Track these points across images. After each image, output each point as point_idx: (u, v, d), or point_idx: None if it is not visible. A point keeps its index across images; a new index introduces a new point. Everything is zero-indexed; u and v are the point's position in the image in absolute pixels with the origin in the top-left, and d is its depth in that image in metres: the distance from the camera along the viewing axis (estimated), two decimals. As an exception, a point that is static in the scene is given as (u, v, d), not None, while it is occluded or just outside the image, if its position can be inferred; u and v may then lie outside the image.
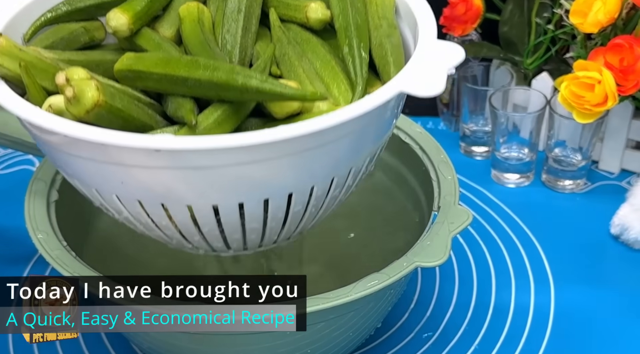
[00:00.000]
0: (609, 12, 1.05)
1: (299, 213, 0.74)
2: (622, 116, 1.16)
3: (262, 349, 0.79)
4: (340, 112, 0.64)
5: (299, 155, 0.66)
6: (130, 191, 0.68)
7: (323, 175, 0.71)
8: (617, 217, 1.09)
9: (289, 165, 0.66)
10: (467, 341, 0.96)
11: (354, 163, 0.73)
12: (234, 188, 0.67)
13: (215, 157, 0.63)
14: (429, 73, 0.69)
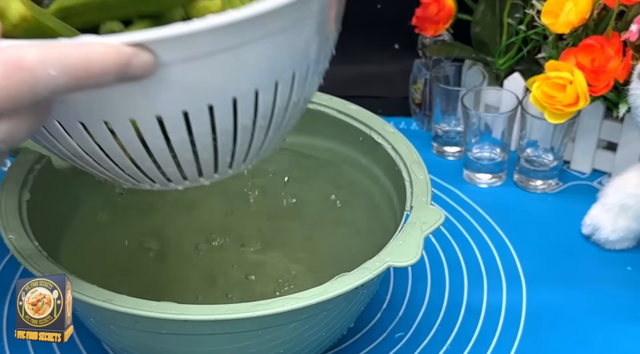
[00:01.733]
0: (580, 12, 1.06)
1: (247, 126, 0.68)
2: (594, 116, 1.17)
3: (234, 350, 0.79)
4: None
5: (238, 49, 0.61)
6: (71, 111, 0.63)
7: (265, 77, 0.65)
8: (589, 217, 1.10)
9: (227, 62, 0.61)
10: (439, 341, 0.96)
11: (297, 67, 0.67)
12: (175, 94, 0.62)
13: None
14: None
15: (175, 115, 0.62)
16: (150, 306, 0.72)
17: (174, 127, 0.64)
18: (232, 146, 0.69)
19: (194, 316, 0.72)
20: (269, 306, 0.72)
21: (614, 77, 1.05)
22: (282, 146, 0.90)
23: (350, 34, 0.85)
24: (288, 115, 0.71)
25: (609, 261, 1.08)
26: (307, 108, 0.75)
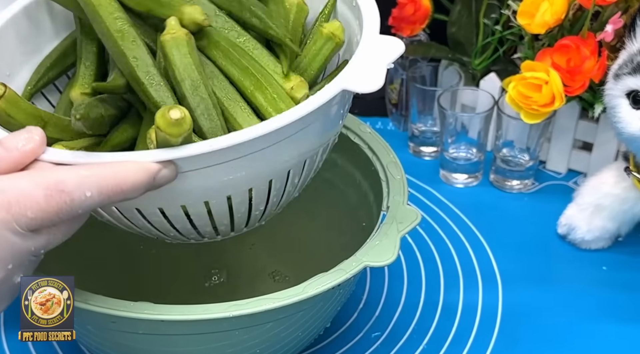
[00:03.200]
0: (556, 13, 1.06)
1: (260, 204, 0.77)
2: (569, 116, 1.17)
3: (211, 350, 0.79)
4: (292, 111, 0.68)
5: (256, 154, 0.69)
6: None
7: (279, 170, 0.74)
8: (564, 217, 1.11)
9: (246, 164, 0.69)
10: (415, 341, 0.97)
11: (307, 155, 0.76)
12: (195, 190, 0.71)
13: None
14: (369, 69, 0.71)
15: (197, 203, 0.73)
16: (127, 307, 0.72)
17: (197, 212, 0.74)
18: (247, 217, 0.78)
19: (170, 317, 0.72)
20: (245, 306, 0.73)
21: (589, 77, 1.06)
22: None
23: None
24: (299, 187, 0.81)
25: (584, 261, 1.09)
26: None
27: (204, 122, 0.72)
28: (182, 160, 0.66)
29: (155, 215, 0.74)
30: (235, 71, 0.77)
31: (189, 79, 0.72)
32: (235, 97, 0.76)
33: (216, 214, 0.75)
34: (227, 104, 0.75)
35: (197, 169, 0.68)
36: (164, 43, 0.73)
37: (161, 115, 0.65)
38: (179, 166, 0.67)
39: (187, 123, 0.65)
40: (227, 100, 0.75)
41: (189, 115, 0.66)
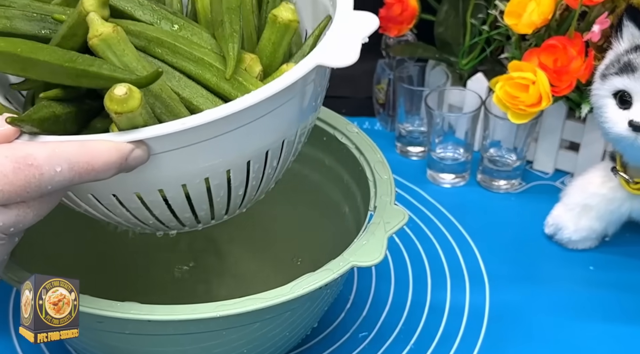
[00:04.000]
0: (543, 13, 1.07)
1: (239, 187, 0.77)
2: (556, 116, 1.18)
3: (197, 349, 0.79)
4: (266, 87, 0.68)
5: (231, 133, 0.69)
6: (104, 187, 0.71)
7: (257, 150, 0.74)
8: (551, 217, 1.11)
9: (222, 144, 0.70)
10: (402, 341, 0.97)
11: (285, 136, 0.76)
12: (170, 173, 0.71)
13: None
14: (343, 44, 0.72)
15: (175, 187, 0.72)
16: (114, 307, 0.72)
17: (174, 196, 0.73)
18: (227, 202, 0.78)
19: (158, 317, 0.72)
20: (232, 306, 0.73)
21: (576, 77, 1.06)
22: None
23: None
24: (278, 170, 0.80)
25: (571, 261, 1.09)
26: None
27: (167, 118, 0.71)
28: (153, 140, 0.66)
29: (133, 201, 0.73)
30: (191, 66, 0.75)
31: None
32: (202, 92, 0.75)
33: (195, 198, 0.74)
34: (197, 102, 0.74)
35: (171, 150, 0.68)
36: (95, 48, 0.70)
37: (107, 95, 0.65)
38: (152, 147, 0.66)
39: (135, 99, 0.65)
40: (196, 98, 0.74)
41: (137, 92, 0.65)
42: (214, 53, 0.76)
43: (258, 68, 0.77)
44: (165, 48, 0.75)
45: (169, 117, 0.71)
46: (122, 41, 0.71)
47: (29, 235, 0.93)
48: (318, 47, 0.72)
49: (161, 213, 0.76)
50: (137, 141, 0.65)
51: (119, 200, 0.73)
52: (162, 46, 0.75)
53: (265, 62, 0.78)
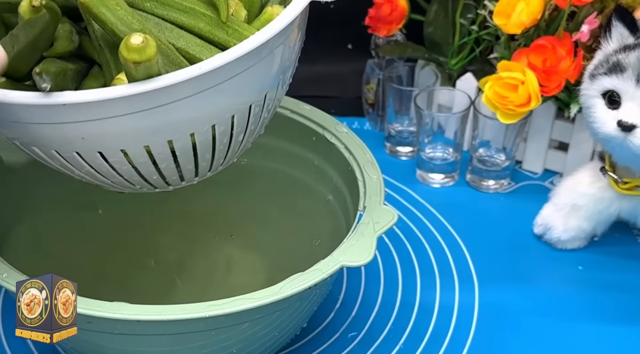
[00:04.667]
0: (532, 13, 1.07)
1: (240, 133, 0.77)
2: (545, 116, 1.18)
3: (187, 350, 0.79)
4: (269, 28, 0.70)
5: (245, 73, 0.71)
6: (88, 145, 0.71)
7: (260, 91, 0.75)
8: (540, 217, 1.11)
9: (230, 86, 0.71)
10: (392, 341, 0.97)
11: (269, 87, 0.77)
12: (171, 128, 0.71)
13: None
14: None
15: (184, 135, 0.73)
16: (102, 306, 0.72)
17: (161, 154, 0.73)
18: (211, 158, 0.77)
19: (147, 317, 0.72)
20: (222, 306, 0.73)
21: (565, 77, 1.06)
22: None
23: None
24: (245, 139, 0.80)
25: (560, 261, 1.09)
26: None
27: (170, 69, 0.70)
28: (172, 87, 0.67)
29: (142, 157, 0.73)
30: (182, 16, 0.74)
31: (133, 31, 0.69)
32: (197, 41, 0.74)
33: (200, 147, 0.75)
34: (193, 51, 0.73)
35: (186, 97, 0.69)
36: (89, 5, 0.68)
37: (124, 45, 0.64)
38: (169, 96, 0.68)
39: (152, 47, 0.65)
40: (192, 46, 0.74)
41: (152, 41, 0.65)
42: (203, 2, 0.75)
43: (244, 12, 0.77)
44: (154, 1, 0.74)
45: (171, 68, 0.70)
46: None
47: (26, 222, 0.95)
48: None
49: (167, 166, 0.76)
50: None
51: (128, 157, 0.73)
52: (150, 0, 0.74)
53: (246, 6, 0.78)
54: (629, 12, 0.95)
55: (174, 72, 0.67)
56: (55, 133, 0.70)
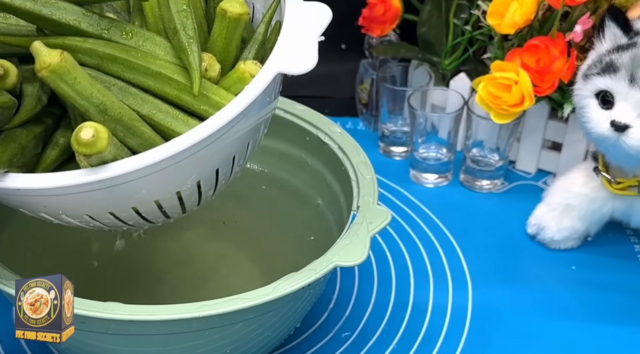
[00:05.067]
0: (526, 13, 1.07)
1: (209, 190, 0.79)
2: (539, 116, 1.18)
3: (180, 350, 0.80)
4: (231, 106, 0.71)
5: (202, 151, 0.71)
6: (51, 211, 0.74)
7: (225, 158, 0.76)
8: (534, 217, 1.11)
9: (191, 163, 0.72)
10: (385, 341, 0.97)
11: (250, 137, 0.78)
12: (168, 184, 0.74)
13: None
14: (301, 48, 0.73)
15: (148, 204, 0.75)
16: (96, 307, 0.72)
17: (147, 210, 0.76)
18: (197, 201, 0.80)
19: (140, 317, 0.72)
20: (215, 306, 0.73)
21: (558, 77, 1.06)
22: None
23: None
24: (244, 163, 0.82)
25: (553, 261, 1.09)
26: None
27: (131, 140, 0.72)
28: (119, 177, 0.68)
29: (107, 218, 0.75)
30: (149, 80, 0.74)
31: (92, 106, 0.70)
32: (162, 107, 0.74)
33: (166, 207, 0.77)
34: (158, 118, 0.74)
35: (144, 176, 0.70)
36: (46, 80, 0.69)
37: (74, 139, 0.66)
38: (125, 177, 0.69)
39: (103, 139, 0.66)
40: (156, 113, 0.74)
41: (104, 131, 0.66)
42: (172, 63, 0.75)
43: (217, 66, 0.77)
44: (120, 64, 0.74)
45: (132, 139, 0.72)
46: (72, 68, 0.69)
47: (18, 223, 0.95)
48: (275, 54, 0.73)
49: (135, 222, 0.77)
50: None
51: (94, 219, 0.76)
52: (116, 63, 0.74)
53: (219, 58, 0.78)
54: (622, 13, 0.95)
55: (128, 159, 0.69)
56: (18, 200, 0.74)
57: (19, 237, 0.94)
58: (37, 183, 0.69)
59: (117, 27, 0.75)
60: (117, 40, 0.75)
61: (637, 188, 1.00)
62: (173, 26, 0.75)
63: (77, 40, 0.73)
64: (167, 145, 0.69)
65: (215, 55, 0.77)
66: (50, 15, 0.73)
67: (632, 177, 1.00)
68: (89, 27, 0.74)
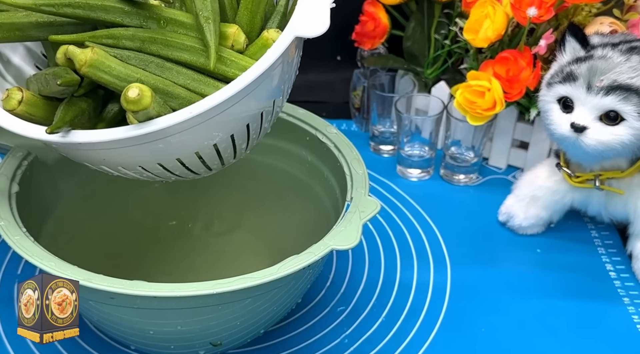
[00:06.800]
0: (497, 29, 1.07)
1: (242, 143, 0.79)
2: (508, 119, 1.18)
3: (197, 322, 0.79)
4: (257, 65, 0.72)
5: (233, 107, 0.72)
6: (110, 163, 0.76)
7: (255, 114, 0.77)
8: (504, 206, 1.11)
9: (223, 118, 0.73)
10: (375, 314, 0.97)
11: (275, 95, 0.78)
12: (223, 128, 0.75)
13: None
14: (315, 15, 0.73)
15: (190, 155, 0.76)
16: (124, 285, 0.72)
17: (172, 167, 0.77)
18: (233, 154, 0.80)
19: (162, 293, 0.72)
20: (227, 284, 0.73)
21: (526, 85, 1.06)
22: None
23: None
24: (270, 124, 0.83)
25: (521, 245, 1.09)
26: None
27: (171, 103, 0.73)
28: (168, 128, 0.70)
29: (157, 169, 0.76)
30: (185, 54, 0.75)
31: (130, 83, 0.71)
32: (195, 76, 0.75)
33: (206, 158, 0.77)
34: (192, 86, 0.74)
35: (184, 130, 0.71)
36: (88, 75, 0.72)
37: (123, 97, 0.67)
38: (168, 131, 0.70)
39: (147, 97, 0.67)
40: (190, 83, 0.75)
41: (147, 90, 0.67)
42: (200, 39, 0.76)
43: (243, 37, 0.77)
44: (159, 44, 0.75)
45: (172, 101, 0.73)
46: (104, 58, 0.72)
47: (58, 214, 0.95)
48: (293, 19, 0.73)
49: (181, 172, 0.78)
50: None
51: (145, 169, 0.76)
52: (155, 43, 0.75)
53: (246, 29, 0.78)
54: (580, 29, 0.95)
55: (169, 115, 0.70)
56: (82, 154, 0.76)
57: (60, 225, 0.95)
58: (94, 137, 0.71)
59: (153, 18, 0.76)
60: (154, 28, 0.76)
61: (594, 181, 1.00)
62: (194, 11, 0.75)
63: (120, 30, 0.75)
64: (202, 101, 0.70)
65: (242, 27, 0.78)
66: (97, 17, 0.75)
67: (589, 172, 1.01)
68: (130, 21, 0.76)
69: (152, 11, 0.76)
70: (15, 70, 0.83)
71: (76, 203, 0.98)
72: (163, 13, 0.76)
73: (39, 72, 0.76)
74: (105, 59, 0.72)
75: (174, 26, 0.76)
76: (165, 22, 0.76)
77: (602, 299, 1.00)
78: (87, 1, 0.74)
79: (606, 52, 0.91)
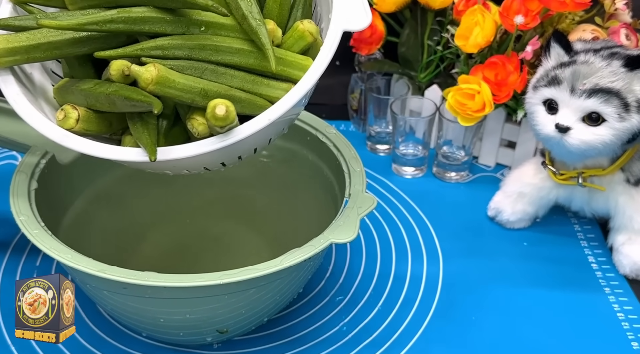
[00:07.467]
0: (486, 36, 1.07)
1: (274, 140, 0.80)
2: (497, 120, 1.18)
3: (205, 310, 0.80)
4: (321, 58, 0.73)
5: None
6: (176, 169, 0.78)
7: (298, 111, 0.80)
8: (493, 202, 1.12)
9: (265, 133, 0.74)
10: (372, 303, 0.97)
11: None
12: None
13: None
14: (357, 9, 0.74)
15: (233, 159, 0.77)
16: (136, 275, 0.73)
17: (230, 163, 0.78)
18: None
19: (171, 284, 0.72)
20: (233, 275, 0.73)
21: (513, 88, 1.07)
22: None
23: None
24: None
25: (509, 238, 1.09)
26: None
27: (235, 107, 0.70)
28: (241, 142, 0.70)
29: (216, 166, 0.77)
30: (235, 57, 0.73)
31: (195, 95, 0.70)
32: (248, 78, 0.74)
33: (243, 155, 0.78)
34: (247, 88, 0.73)
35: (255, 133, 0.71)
36: (156, 92, 0.69)
37: (210, 114, 0.67)
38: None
39: (232, 113, 0.67)
40: (245, 84, 0.73)
41: (231, 106, 0.67)
42: (247, 40, 0.74)
43: (280, 32, 0.76)
44: (208, 50, 0.72)
45: (236, 106, 0.70)
46: (168, 74, 0.70)
47: (75, 210, 0.95)
48: (336, 14, 0.73)
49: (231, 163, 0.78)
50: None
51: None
52: (204, 49, 0.72)
53: (277, 21, 0.77)
54: (564, 36, 0.95)
55: (249, 123, 0.70)
56: (163, 166, 0.76)
57: (75, 221, 0.95)
58: (190, 152, 0.71)
59: (194, 24, 0.73)
60: (197, 34, 0.73)
61: (577, 178, 1.01)
62: (241, 13, 0.73)
63: (166, 39, 0.72)
64: (275, 106, 0.70)
65: (272, 19, 0.76)
66: (140, 29, 0.71)
67: (573, 170, 1.01)
68: (173, 30, 0.72)
69: (192, 17, 0.73)
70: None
71: (91, 200, 0.98)
72: (203, 17, 0.73)
73: (86, 86, 0.73)
74: (168, 73, 0.70)
75: (216, 29, 0.73)
76: (206, 26, 0.73)
77: (585, 289, 1.01)
78: (129, 15, 0.70)
79: (588, 57, 0.92)
